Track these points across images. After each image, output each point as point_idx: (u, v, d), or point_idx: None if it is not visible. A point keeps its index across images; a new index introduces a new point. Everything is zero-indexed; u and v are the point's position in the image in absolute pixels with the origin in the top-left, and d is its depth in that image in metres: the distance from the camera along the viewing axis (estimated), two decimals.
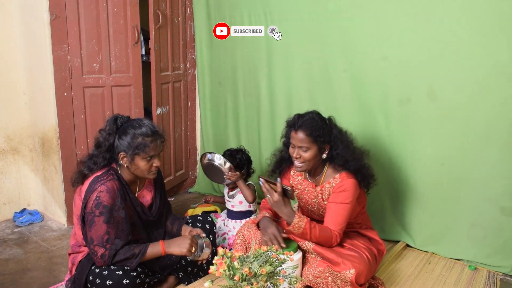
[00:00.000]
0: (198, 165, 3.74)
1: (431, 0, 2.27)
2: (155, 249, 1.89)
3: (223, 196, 2.82)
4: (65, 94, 2.73)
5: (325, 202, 2.06)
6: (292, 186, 2.22)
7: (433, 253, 2.49)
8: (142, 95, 3.04)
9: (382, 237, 2.59)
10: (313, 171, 2.09)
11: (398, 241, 2.62)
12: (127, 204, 1.92)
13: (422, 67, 2.36)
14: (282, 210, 1.90)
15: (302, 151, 1.96)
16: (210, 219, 2.27)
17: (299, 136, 1.94)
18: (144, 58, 3.26)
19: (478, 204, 2.31)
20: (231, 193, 2.73)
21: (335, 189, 1.99)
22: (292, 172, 2.22)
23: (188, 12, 3.43)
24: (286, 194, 1.92)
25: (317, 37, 2.73)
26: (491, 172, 2.24)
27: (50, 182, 2.93)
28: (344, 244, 2.03)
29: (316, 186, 2.09)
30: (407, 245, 2.59)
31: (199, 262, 2.04)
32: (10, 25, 2.86)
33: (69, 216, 2.86)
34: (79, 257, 1.94)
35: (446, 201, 2.41)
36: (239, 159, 2.66)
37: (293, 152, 1.98)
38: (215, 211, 2.95)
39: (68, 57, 2.71)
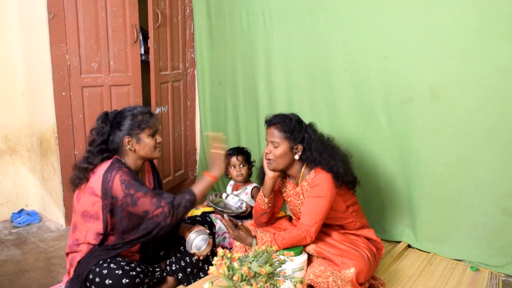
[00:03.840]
0: (198, 165, 3.72)
1: None
2: (205, 180, 1.97)
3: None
4: (64, 93, 2.71)
5: None
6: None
7: (435, 254, 2.47)
8: (141, 95, 3.02)
9: (383, 238, 2.58)
10: (291, 172, 2.10)
11: (399, 242, 2.60)
12: None
13: (423, 66, 2.34)
14: (244, 242, 1.96)
15: (273, 147, 2.00)
16: (209, 220, 2.26)
17: (272, 131, 2.01)
18: (143, 58, 3.25)
19: (480, 205, 2.29)
20: (235, 192, 2.71)
21: (310, 184, 2.02)
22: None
23: (188, 11, 3.41)
24: (242, 229, 1.97)
25: (316, 37, 2.71)
26: (494, 172, 2.23)
27: (49, 182, 2.91)
28: (343, 242, 2.02)
29: (296, 186, 2.11)
30: (409, 246, 2.58)
31: (197, 257, 2.03)
32: (8, 24, 2.84)
33: (68, 217, 2.84)
34: (78, 257, 1.93)
35: (449, 201, 2.40)
36: (247, 151, 2.75)
37: (266, 149, 2.04)
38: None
39: (67, 56, 2.69)
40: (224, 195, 2.60)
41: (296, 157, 2.03)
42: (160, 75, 3.07)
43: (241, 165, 2.69)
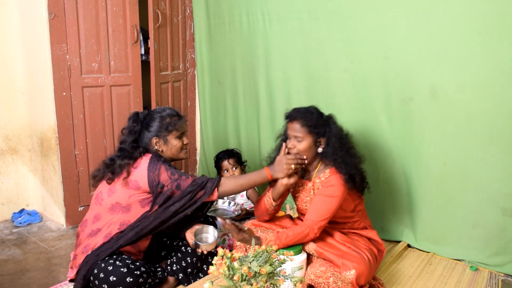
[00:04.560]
0: (198, 165, 3.73)
1: None
2: (258, 172, 2.03)
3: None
4: (64, 93, 2.72)
5: None
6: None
7: (434, 254, 2.47)
8: (142, 95, 3.02)
9: (383, 237, 2.58)
10: (308, 166, 2.11)
11: (399, 242, 2.60)
12: None
13: (424, 66, 2.34)
14: (249, 244, 1.93)
15: (297, 142, 2.01)
16: (211, 220, 2.26)
17: (294, 126, 2.02)
18: (144, 58, 3.25)
19: (480, 205, 2.30)
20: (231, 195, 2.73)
21: (324, 183, 2.02)
22: None
23: (188, 11, 3.42)
24: (245, 231, 1.96)
25: (316, 37, 2.72)
26: (493, 172, 2.23)
27: (49, 182, 2.92)
28: (345, 243, 2.02)
29: (308, 182, 2.11)
30: (408, 246, 2.58)
31: (199, 251, 2.00)
32: (9, 25, 2.85)
33: (68, 217, 2.85)
34: (92, 244, 1.95)
35: (448, 201, 2.40)
36: (237, 153, 2.79)
37: (289, 143, 2.04)
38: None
39: (67, 56, 2.69)
40: (220, 201, 2.61)
41: (320, 150, 2.05)
42: (160, 75, 3.08)
43: (233, 168, 2.71)
